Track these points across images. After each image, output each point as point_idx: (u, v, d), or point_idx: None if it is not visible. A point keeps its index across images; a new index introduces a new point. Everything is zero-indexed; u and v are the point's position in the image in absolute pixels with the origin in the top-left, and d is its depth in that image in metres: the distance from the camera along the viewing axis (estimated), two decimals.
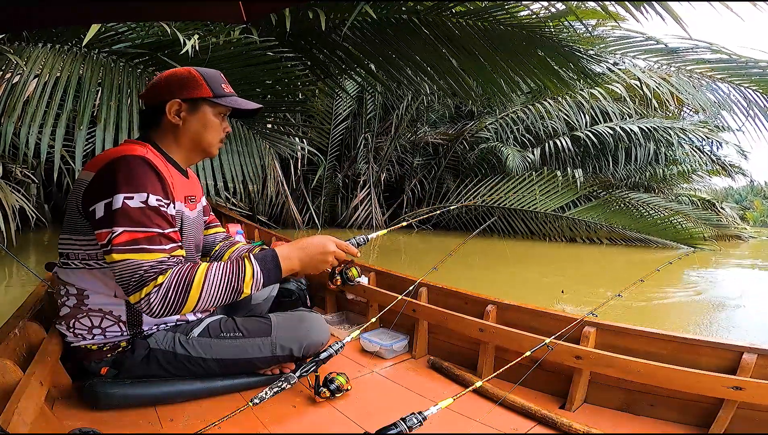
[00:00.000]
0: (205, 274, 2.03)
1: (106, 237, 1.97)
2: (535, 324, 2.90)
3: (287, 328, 2.59)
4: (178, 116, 2.33)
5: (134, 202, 1.98)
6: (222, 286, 2.04)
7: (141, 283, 1.92)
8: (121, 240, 1.94)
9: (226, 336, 2.47)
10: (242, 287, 2.09)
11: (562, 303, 6.24)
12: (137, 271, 1.93)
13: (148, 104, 2.37)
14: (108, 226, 1.97)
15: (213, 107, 2.39)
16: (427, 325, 3.33)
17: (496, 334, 2.87)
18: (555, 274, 9.49)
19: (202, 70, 2.39)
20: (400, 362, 3.19)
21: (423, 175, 16.42)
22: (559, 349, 2.58)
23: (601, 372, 2.51)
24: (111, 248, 1.95)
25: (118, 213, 1.96)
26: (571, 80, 9.30)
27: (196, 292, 1.98)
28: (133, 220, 1.97)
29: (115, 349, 2.31)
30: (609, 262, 11.34)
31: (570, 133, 15.31)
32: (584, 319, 2.71)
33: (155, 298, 1.92)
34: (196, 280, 1.99)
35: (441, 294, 3.44)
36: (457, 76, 8.74)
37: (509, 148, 14.98)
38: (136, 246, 1.95)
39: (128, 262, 1.93)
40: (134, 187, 2.00)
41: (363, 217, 14.95)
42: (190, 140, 2.40)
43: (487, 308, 3.09)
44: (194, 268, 2.02)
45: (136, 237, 1.96)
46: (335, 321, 3.96)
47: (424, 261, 9.89)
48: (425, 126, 16.50)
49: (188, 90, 2.32)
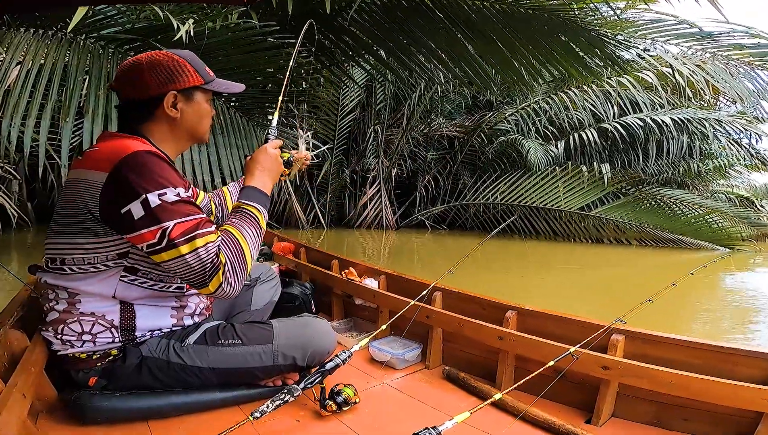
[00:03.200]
0: (241, 233, 2.23)
1: (155, 235, 2.05)
2: (558, 331, 2.90)
3: (290, 335, 2.59)
4: (175, 108, 2.34)
5: (169, 196, 2.07)
6: (255, 235, 2.29)
7: (215, 268, 2.08)
8: (178, 232, 2.05)
9: (224, 343, 2.47)
10: (262, 225, 2.36)
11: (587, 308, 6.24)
12: (208, 257, 2.08)
13: (132, 97, 2.34)
14: (155, 224, 2.05)
15: (204, 93, 2.44)
16: (441, 333, 3.33)
17: (517, 343, 2.86)
18: (580, 277, 9.48)
19: (183, 54, 2.41)
20: (412, 373, 3.19)
21: (437, 171, 16.41)
22: (585, 358, 2.57)
23: (630, 383, 2.50)
24: (171, 243, 2.05)
25: (161, 208, 2.05)
26: (598, 67, 9.27)
27: (248, 252, 2.21)
28: (178, 212, 2.07)
29: (105, 357, 2.31)
30: (638, 264, 11.31)
31: (596, 125, 15.24)
32: (612, 326, 2.70)
33: (231, 274, 2.13)
34: (242, 243, 2.20)
35: (457, 299, 3.44)
36: (474, 64, 8.72)
37: (530, 141, 14.93)
38: (194, 233, 2.06)
39: (195, 251, 2.06)
40: (162, 182, 2.08)
41: (372, 216, 14.94)
42: (187, 131, 2.43)
43: (507, 314, 3.09)
44: (231, 235, 2.21)
45: (190, 226, 2.07)
46: (342, 328, 3.96)
47: (438, 263, 9.89)
48: (440, 117, 16.49)
49: (182, 79, 2.33)
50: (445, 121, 16.51)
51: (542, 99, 15.22)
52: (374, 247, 12.20)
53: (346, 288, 4.07)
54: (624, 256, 12.25)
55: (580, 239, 13.86)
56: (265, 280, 3.32)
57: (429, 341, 3.34)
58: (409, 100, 15.50)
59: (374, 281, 4.07)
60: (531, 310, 3.05)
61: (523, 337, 2.85)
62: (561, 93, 14.94)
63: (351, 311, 4.18)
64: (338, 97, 14.71)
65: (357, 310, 4.11)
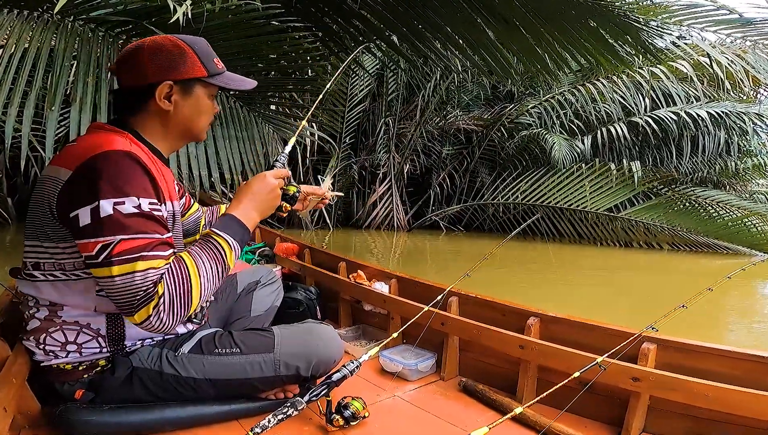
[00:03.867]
0: (196, 266, 2.07)
1: (95, 248, 1.96)
2: (584, 340, 2.89)
3: (293, 343, 2.58)
4: (168, 100, 2.30)
5: (126, 207, 1.98)
6: (214, 270, 2.12)
7: (147, 298, 1.95)
8: (119, 250, 1.94)
9: (222, 352, 2.47)
10: (228, 263, 2.18)
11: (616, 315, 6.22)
12: (142, 285, 1.94)
13: (128, 85, 2.32)
14: (98, 236, 1.96)
15: (206, 87, 2.39)
16: (458, 341, 3.33)
17: (539, 352, 2.86)
18: (608, 282, 9.46)
19: (190, 40, 2.36)
20: (426, 385, 3.19)
21: (453, 168, 16.38)
22: (614, 369, 2.56)
23: (662, 396, 2.49)
24: (107, 260, 1.94)
25: (109, 220, 1.96)
26: (629, 56, 9.24)
27: (197, 289, 2.04)
28: (129, 227, 1.97)
29: (92, 368, 2.31)
30: (671, 270, 11.28)
31: (626, 119, 15.17)
32: (643, 333, 2.69)
33: (164, 309, 1.96)
34: (192, 277, 2.03)
35: (474, 304, 3.44)
36: (494, 51, 8.70)
37: (555, 135, 14.85)
38: (135, 255, 1.95)
39: (131, 275, 1.94)
40: (124, 190, 2.00)
41: (382, 216, 14.92)
42: (180, 127, 2.39)
43: (529, 321, 3.08)
44: (182, 265, 2.03)
45: (137, 245, 1.97)
46: (350, 336, 3.97)
47: (454, 266, 9.88)
48: (456, 109, 16.46)
49: (181, 69, 2.29)
50: (462, 114, 16.48)
51: (568, 90, 15.17)
52: (384, 248, 12.20)
53: (354, 292, 4.08)
54: (655, 261, 12.22)
55: (608, 243, 13.81)
56: (266, 283, 3.32)
57: (444, 350, 3.34)
58: (424, 91, 15.45)
59: (385, 285, 4.07)
60: (555, 316, 3.04)
61: (546, 345, 2.85)
62: (588, 84, 14.85)
63: (359, 318, 4.18)
64: (347, 87, 14.65)
65: (366, 316, 4.11)
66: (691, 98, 15.56)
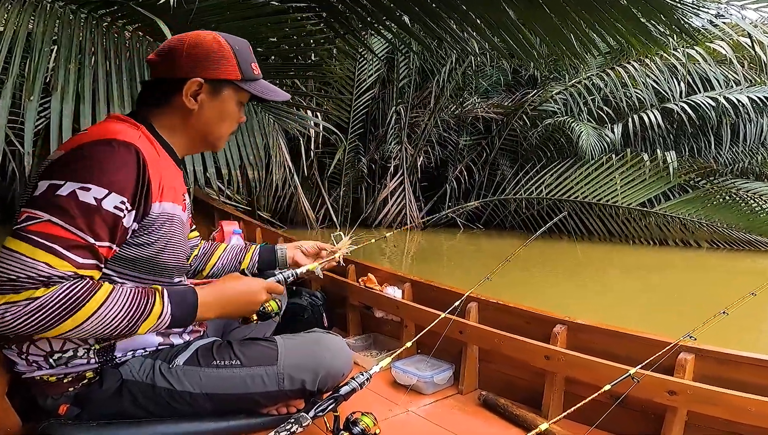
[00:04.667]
0: (106, 298, 2.02)
1: (22, 216, 1.95)
2: (616, 349, 2.89)
3: (298, 355, 2.58)
4: (194, 99, 2.35)
5: (87, 195, 1.98)
6: (116, 318, 2.04)
7: (13, 287, 1.88)
8: (37, 229, 1.92)
9: (220, 364, 2.47)
10: (137, 327, 2.11)
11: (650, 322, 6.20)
12: (20, 271, 1.88)
13: (159, 76, 2.39)
14: (34, 208, 1.96)
15: (237, 93, 2.44)
16: (477, 351, 3.33)
17: (567, 363, 2.86)
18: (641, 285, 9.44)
19: (232, 40, 2.43)
20: (443, 398, 3.20)
21: (471, 160, 16.36)
22: (648, 381, 2.56)
23: (701, 411, 2.49)
24: (16, 230, 1.93)
25: (56, 199, 1.96)
26: (662, 37, 9.21)
27: (81, 317, 1.96)
28: (66, 213, 1.96)
29: (78, 380, 2.31)
30: (710, 270, 11.26)
31: (660, 106, 15.11)
32: (679, 343, 2.69)
33: (17, 311, 1.87)
34: (88, 305, 1.96)
35: (496, 311, 3.44)
36: (516, 31, 8.68)
37: (582, 124, 14.80)
38: (47, 243, 1.92)
39: (17, 255, 1.90)
40: (99, 178, 2.01)
41: (394, 213, 14.90)
42: (200, 130, 2.44)
43: (555, 329, 3.08)
44: (93, 288, 1.99)
45: (57, 234, 1.94)
46: (360, 346, 3.98)
47: (473, 268, 9.88)
48: (474, 96, 16.43)
49: (214, 67, 2.34)
50: (480, 101, 16.45)
51: (596, 74, 15.11)
52: (397, 249, 12.21)
53: (364, 298, 4.08)
54: (692, 260, 12.20)
55: (641, 241, 13.79)
56: None
57: (462, 361, 3.34)
58: (438, 76, 15.42)
59: (397, 290, 4.06)
60: (583, 324, 3.04)
61: (574, 356, 2.84)
62: (618, 67, 14.78)
63: (370, 325, 4.19)
64: (354, 72, 14.59)
65: (377, 324, 4.12)
66: (731, 82, 15.46)
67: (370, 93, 14.91)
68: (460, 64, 15.30)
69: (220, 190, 10.06)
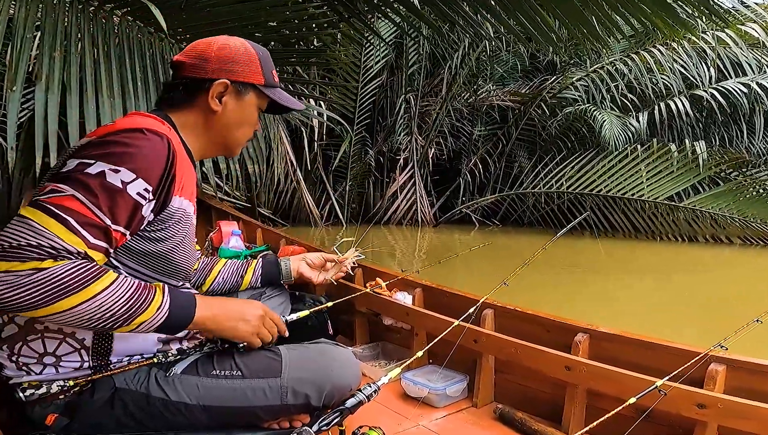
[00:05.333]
0: (111, 283, 2.00)
1: (46, 189, 1.97)
2: (641, 360, 2.89)
3: (303, 367, 2.57)
4: (219, 101, 2.45)
5: (114, 177, 2.01)
6: (115, 305, 2.00)
7: (18, 255, 1.86)
8: (57, 201, 1.94)
9: (220, 374, 2.46)
10: (134, 318, 2.07)
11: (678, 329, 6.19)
12: (30, 238, 1.87)
13: (186, 75, 2.47)
14: (60, 182, 1.98)
15: (258, 98, 2.56)
16: (493, 362, 3.34)
17: (589, 374, 2.86)
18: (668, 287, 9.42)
19: (256, 46, 2.57)
20: (456, 412, 3.21)
21: (486, 151, 16.36)
22: (675, 394, 2.55)
23: (733, 426, 2.49)
24: (36, 200, 1.94)
25: (85, 178, 1.99)
26: (691, 19, 9.19)
27: (80, 298, 1.93)
28: (93, 193, 1.97)
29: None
30: (742, 269, 11.23)
31: (688, 92, 15.09)
32: (710, 353, 2.69)
33: (17, 280, 1.84)
34: (92, 286, 1.95)
35: (513, 318, 3.44)
36: (533, 14, 8.66)
37: (605, 112, 14.79)
38: (63, 215, 1.92)
39: (31, 222, 1.90)
40: (128, 163, 2.05)
41: (404, 210, 14.90)
42: (221, 132, 2.53)
43: (577, 338, 3.09)
44: (100, 272, 1.98)
45: (76, 209, 1.94)
46: (367, 355, 3.98)
47: (489, 271, 9.85)
48: (489, 83, 16.43)
49: (241, 71, 2.46)
50: (495, 88, 16.46)
51: (619, 59, 15.07)
52: (407, 249, 12.22)
53: (372, 304, 4.08)
54: (724, 258, 12.18)
55: (669, 237, 13.78)
56: (272, 294, 3.34)
57: (477, 372, 3.35)
58: (450, 62, 15.44)
59: (408, 295, 4.06)
60: (606, 332, 3.04)
61: (597, 366, 2.85)
62: (643, 51, 14.77)
63: (378, 334, 4.19)
64: (360, 59, 14.57)
65: (386, 332, 4.13)
66: (764, 67, 15.42)
67: (377, 80, 14.92)
68: (473, 49, 15.28)
69: (217, 187, 10.07)
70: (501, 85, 16.70)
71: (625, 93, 15.41)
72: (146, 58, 6.34)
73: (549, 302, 6.54)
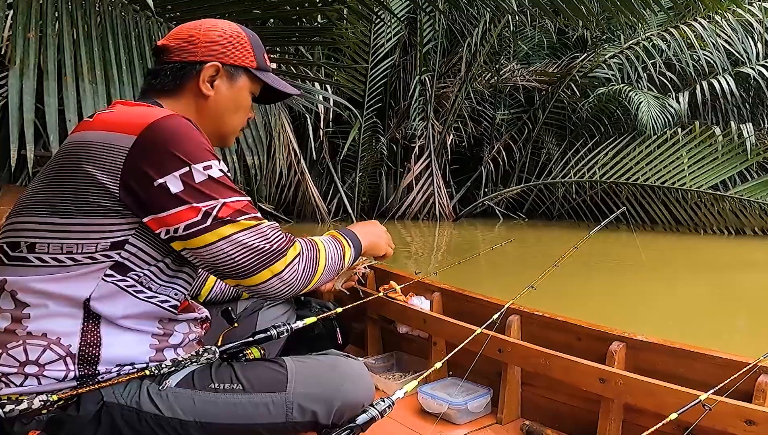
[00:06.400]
0: (324, 245, 2.40)
1: (198, 213, 2.06)
2: (683, 371, 2.89)
3: (311, 380, 2.55)
4: (211, 85, 2.46)
5: (214, 171, 2.13)
6: (335, 261, 2.45)
7: (281, 249, 2.16)
8: (227, 213, 2.09)
9: (218, 388, 2.45)
10: (344, 262, 2.53)
11: (724, 336, 6.16)
12: (275, 236, 2.16)
13: (173, 60, 2.47)
14: (198, 201, 2.07)
15: (251, 82, 2.57)
16: (519, 373, 3.34)
17: (626, 387, 2.86)
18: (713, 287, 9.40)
19: (244, 29, 2.59)
20: (478, 429, 3.21)
21: (510, 137, 16.35)
22: (721, 408, 2.55)
23: None
24: (218, 222, 2.07)
25: (206, 184, 2.09)
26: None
27: (322, 266, 2.34)
28: (225, 190, 2.12)
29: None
30: None
31: (734, 70, 15.04)
32: (759, 363, 2.68)
33: (299, 266, 2.22)
34: (321, 252, 2.36)
35: (541, 325, 3.44)
36: None
37: (641, 93, 14.75)
38: (248, 215, 2.12)
39: (256, 228, 2.12)
40: (205, 154, 2.14)
41: (420, 203, 14.87)
42: (214, 119, 2.53)
43: (612, 347, 3.08)
44: (312, 239, 2.38)
45: (241, 207, 2.12)
46: (380, 367, 3.98)
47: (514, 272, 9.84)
48: (512, 62, 16.40)
49: (232, 53, 2.49)
50: (520, 68, 16.44)
51: (657, 34, 15.01)
52: (424, 247, 12.20)
53: (386, 310, 4.06)
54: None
55: (713, 230, 13.75)
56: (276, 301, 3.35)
57: (502, 385, 3.35)
58: (469, 39, 15.41)
59: (425, 300, 4.05)
60: (645, 340, 3.04)
61: (635, 378, 2.84)
62: (683, 25, 14.71)
63: (392, 343, 4.19)
64: (369, 37, 14.54)
65: (401, 341, 4.12)
66: None
67: (388, 60, 14.89)
68: (495, 25, 15.24)
69: None
70: (526, 64, 16.68)
71: (663, 71, 15.39)
72: (131, 39, 6.33)
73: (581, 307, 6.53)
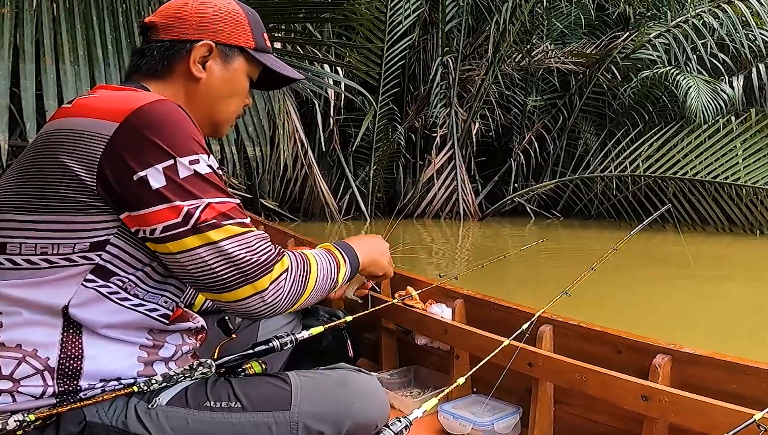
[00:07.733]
0: (316, 260, 2.39)
1: (179, 213, 2.03)
2: (736, 387, 2.88)
3: (317, 398, 2.55)
4: (203, 67, 2.42)
5: (201, 166, 2.10)
6: (326, 279, 2.45)
7: (268, 263, 2.13)
8: (212, 215, 2.05)
9: (215, 406, 2.43)
10: (337, 280, 2.53)
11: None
12: (263, 247, 2.12)
13: (161, 39, 2.45)
14: (181, 198, 2.04)
15: (248, 64, 2.54)
16: (552, 390, 3.34)
17: (671, 405, 2.85)
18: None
19: (243, 5, 2.55)
20: None
21: (543, 126, 16.33)
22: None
23: None
24: (200, 225, 2.04)
25: (191, 180, 2.07)
26: None
27: (312, 285, 2.33)
28: (213, 189, 2.09)
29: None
30: None
31: None
32: None
33: (286, 284, 2.19)
34: (312, 268, 2.35)
35: (576, 336, 3.44)
36: None
37: (691, 76, 14.70)
38: (234, 220, 2.09)
39: (243, 237, 2.08)
40: (194, 146, 2.12)
41: (442, 200, 14.85)
42: (206, 104, 2.51)
43: (656, 360, 3.08)
44: (303, 253, 2.37)
45: (227, 210, 2.09)
46: (396, 382, 3.98)
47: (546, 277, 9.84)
48: (546, 42, 16.38)
49: (226, 31, 2.45)
50: (554, 48, 16.42)
51: (708, 10, 14.97)
52: (446, 249, 12.20)
53: (402, 319, 4.05)
54: None
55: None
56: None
57: (533, 403, 3.35)
58: (497, 16, 15.36)
59: (447, 308, 4.03)
60: (692, 353, 3.04)
61: (681, 396, 2.83)
62: (738, 0, 14.65)
63: (410, 356, 4.19)
64: (385, 13, 14.48)
65: (419, 354, 4.12)
66: None
67: (407, 40, 14.85)
68: (526, 0, 15.21)
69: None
70: (561, 45, 16.67)
71: (715, 52, 15.35)
72: (118, 16, 6.34)
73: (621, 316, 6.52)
